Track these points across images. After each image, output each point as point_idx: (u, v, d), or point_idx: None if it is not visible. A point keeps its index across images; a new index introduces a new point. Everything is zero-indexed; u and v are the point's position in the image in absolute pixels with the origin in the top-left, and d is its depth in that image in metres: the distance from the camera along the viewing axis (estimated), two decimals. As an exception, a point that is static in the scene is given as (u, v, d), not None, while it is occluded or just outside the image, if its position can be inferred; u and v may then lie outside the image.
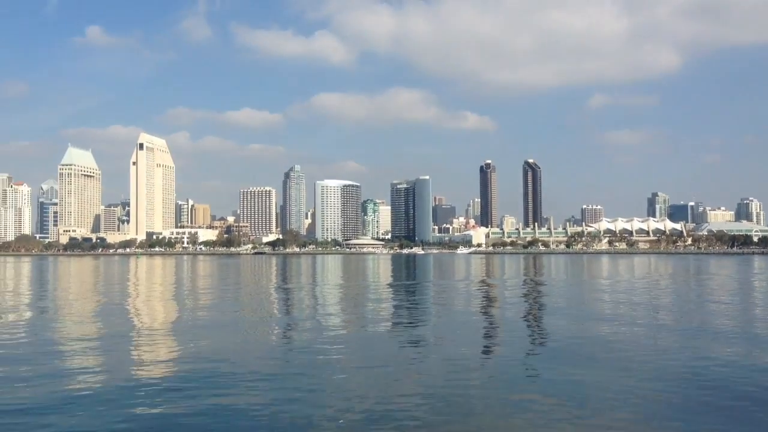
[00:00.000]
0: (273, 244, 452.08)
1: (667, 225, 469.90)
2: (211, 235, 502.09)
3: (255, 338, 30.79)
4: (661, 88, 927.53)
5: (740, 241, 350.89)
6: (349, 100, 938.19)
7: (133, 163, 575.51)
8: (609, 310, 43.07)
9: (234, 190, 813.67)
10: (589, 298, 56.11)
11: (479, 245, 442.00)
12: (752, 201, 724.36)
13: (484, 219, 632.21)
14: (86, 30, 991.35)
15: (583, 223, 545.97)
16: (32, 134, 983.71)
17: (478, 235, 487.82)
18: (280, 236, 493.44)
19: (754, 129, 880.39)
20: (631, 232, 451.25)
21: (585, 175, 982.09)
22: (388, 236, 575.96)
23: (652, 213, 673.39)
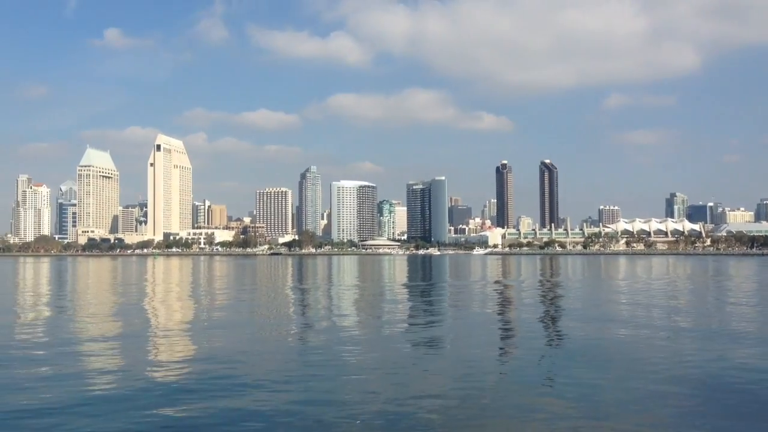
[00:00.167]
0: (289, 245, 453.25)
1: (686, 226, 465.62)
2: (228, 236, 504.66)
3: (271, 339, 30.89)
4: (680, 88, 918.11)
5: (760, 242, 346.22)
6: (365, 101, 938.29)
7: (151, 165, 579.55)
8: (626, 312, 42.75)
9: (250, 191, 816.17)
10: (605, 299, 55.71)
11: (495, 246, 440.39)
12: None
13: (500, 220, 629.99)
14: (104, 32, 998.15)
15: (600, 224, 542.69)
16: (51, 136, 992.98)
17: (494, 235, 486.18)
18: (296, 237, 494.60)
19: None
20: (648, 233, 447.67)
21: (602, 176, 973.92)
22: (404, 237, 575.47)
23: (670, 214, 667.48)
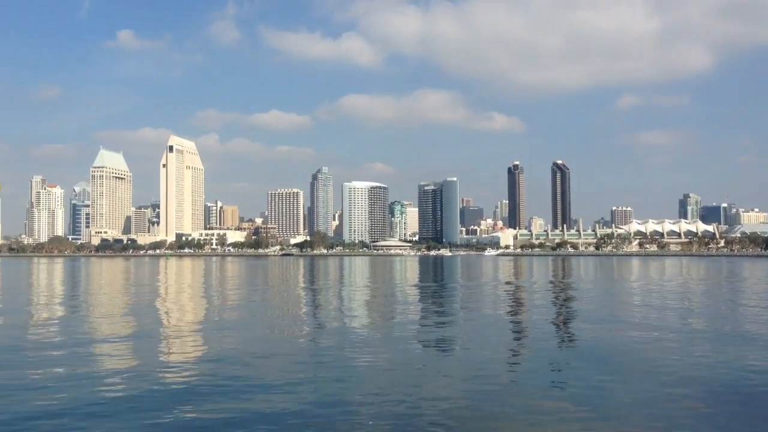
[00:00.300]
0: (300, 246, 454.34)
1: (699, 227, 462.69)
2: (240, 237, 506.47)
3: (282, 339, 30.84)
4: (693, 88, 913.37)
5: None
6: (376, 102, 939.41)
7: (163, 166, 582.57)
8: (639, 314, 42.39)
9: (262, 192, 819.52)
10: (618, 301, 55.34)
11: (507, 247, 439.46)
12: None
13: (512, 221, 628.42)
14: (118, 34, 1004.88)
15: (613, 225, 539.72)
16: (65, 137, 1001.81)
17: (506, 236, 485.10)
18: (308, 238, 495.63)
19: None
20: (662, 234, 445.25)
21: (615, 177, 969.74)
22: (416, 238, 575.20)
23: (683, 214, 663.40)
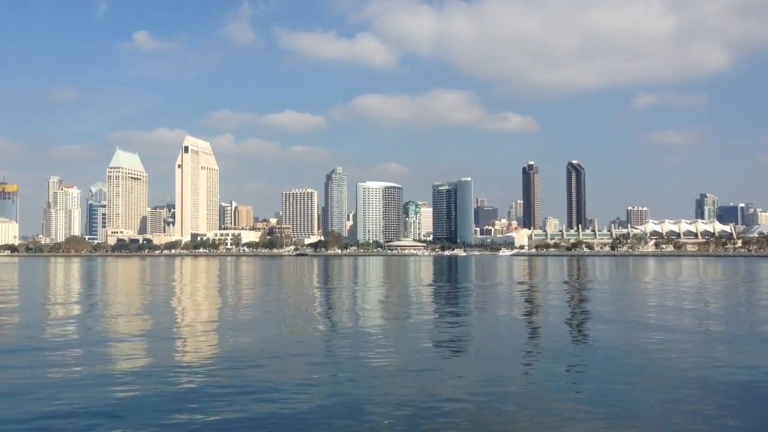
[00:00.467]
0: (315, 246, 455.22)
1: (716, 227, 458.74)
2: (254, 237, 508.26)
3: (297, 340, 30.77)
4: (710, 87, 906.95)
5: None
6: (390, 102, 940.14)
7: (179, 166, 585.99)
8: (655, 316, 41.99)
9: (276, 192, 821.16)
10: (634, 303, 54.87)
11: (522, 247, 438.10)
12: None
13: (527, 221, 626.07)
14: (134, 35, 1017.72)
15: (629, 225, 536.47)
16: (81, 138, 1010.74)
17: (521, 236, 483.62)
18: (322, 238, 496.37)
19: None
20: (678, 234, 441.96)
21: (630, 177, 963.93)
22: (430, 238, 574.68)
23: (700, 215, 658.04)
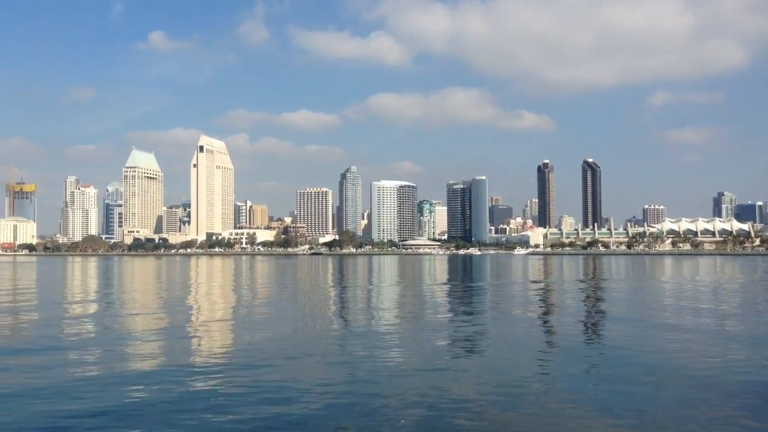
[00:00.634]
0: (329, 245, 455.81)
1: (734, 225, 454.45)
2: (269, 236, 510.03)
3: (312, 340, 30.74)
4: (727, 85, 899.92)
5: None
6: (405, 101, 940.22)
7: (194, 166, 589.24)
8: (672, 316, 41.54)
9: (291, 191, 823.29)
10: (651, 303, 54.35)
11: (537, 246, 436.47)
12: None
13: (542, 219, 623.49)
14: (149, 36, 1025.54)
15: (645, 224, 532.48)
16: (98, 137, 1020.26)
17: (536, 235, 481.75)
18: (337, 237, 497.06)
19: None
20: (695, 233, 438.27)
21: (647, 175, 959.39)
22: (444, 237, 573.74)
23: (717, 213, 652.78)
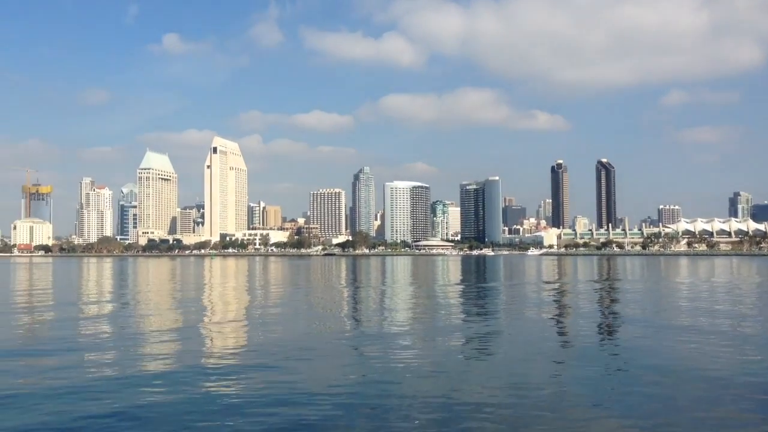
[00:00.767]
0: (343, 246, 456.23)
1: (750, 225, 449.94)
2: (282, 237, 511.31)
3: (325, 340, 30.72)
4: (743, 84, 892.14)
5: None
6: (418, 101, 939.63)
7: (208, 167, 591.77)
8: (688, 318, 41.15)
9: (304, 192, 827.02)
10: (666, 304, 53.92)
11: (550, 247, 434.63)
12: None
13: (556, 220, 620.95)
14: (163, 38, 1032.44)
15: (660, 224, 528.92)
16: (112, 139, 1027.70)
17: (550, 236, 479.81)
18: (350, 238, 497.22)
19: None
20: (711, 233, 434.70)
21: (662, 175, 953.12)
22: (458, 237, 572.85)
23: (733, 213, 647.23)
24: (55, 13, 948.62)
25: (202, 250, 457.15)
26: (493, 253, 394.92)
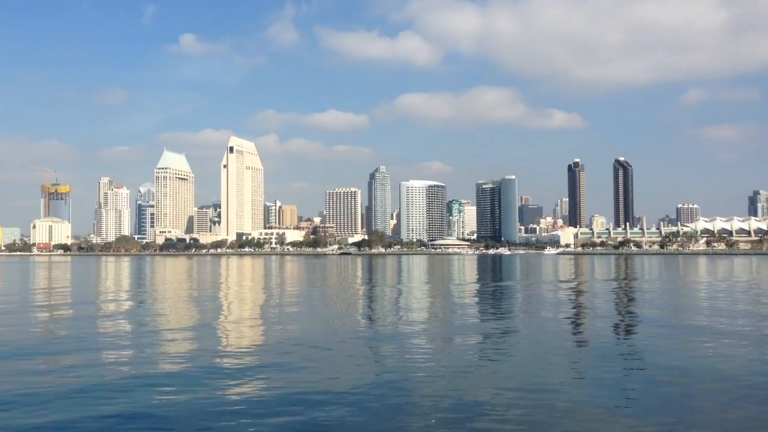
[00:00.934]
0: (359, 245, 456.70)
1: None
2: (298, 236, 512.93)
3: (341, 339, 30.68)
4: (762, 81, 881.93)
5: None
6: (433, 100, 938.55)
7: (224, 166, 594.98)
8: (706, 318, 40.69)
9: (320, 191, 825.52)
10: (684, 304, 53.42)
11: (567, 246, 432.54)
12: None
13: (573, 219, 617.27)
14: (180, 38, 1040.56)
15: (678, 223, 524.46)
16: (130, 139, 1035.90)
17: (566, 235, 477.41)
18: (366, 237, 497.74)
19: None
20: (730, 232, 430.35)
21: (680, 173, 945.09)
22: (474, 236, 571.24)
23: (753, 212, 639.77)
24: (74, 14, 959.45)
25: (219, 249, 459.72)
26: (509, 252, 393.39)
